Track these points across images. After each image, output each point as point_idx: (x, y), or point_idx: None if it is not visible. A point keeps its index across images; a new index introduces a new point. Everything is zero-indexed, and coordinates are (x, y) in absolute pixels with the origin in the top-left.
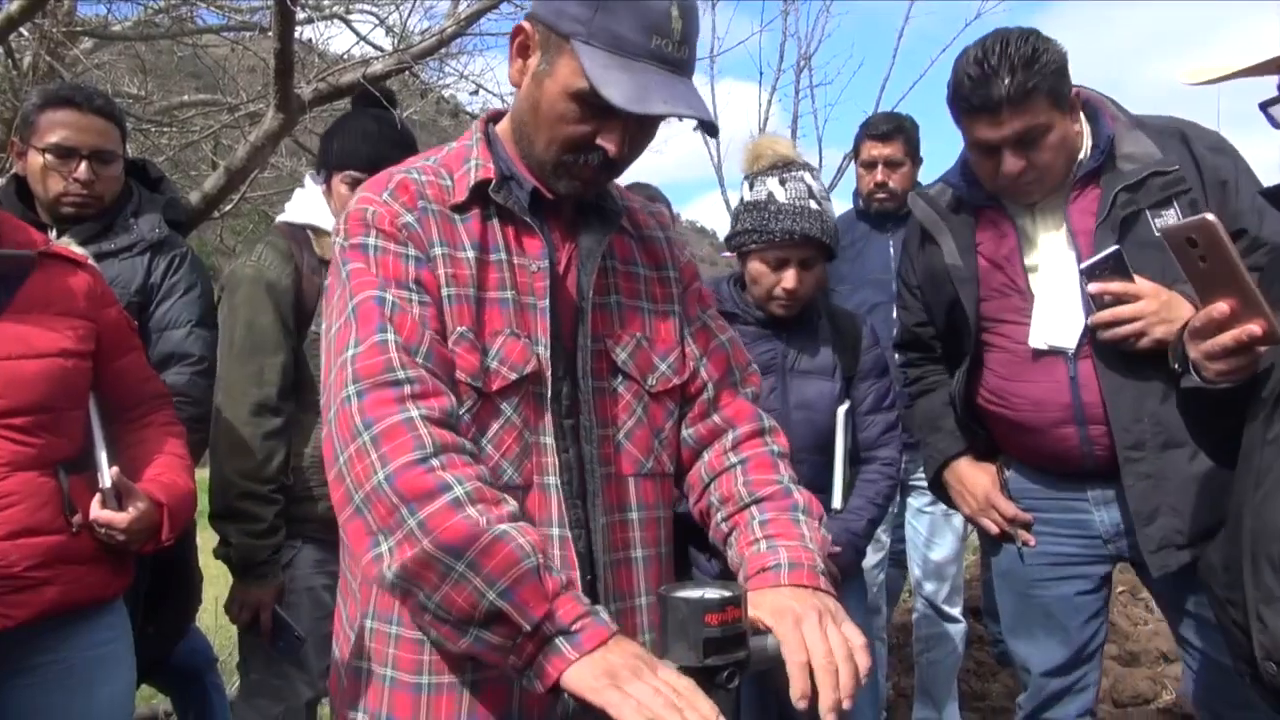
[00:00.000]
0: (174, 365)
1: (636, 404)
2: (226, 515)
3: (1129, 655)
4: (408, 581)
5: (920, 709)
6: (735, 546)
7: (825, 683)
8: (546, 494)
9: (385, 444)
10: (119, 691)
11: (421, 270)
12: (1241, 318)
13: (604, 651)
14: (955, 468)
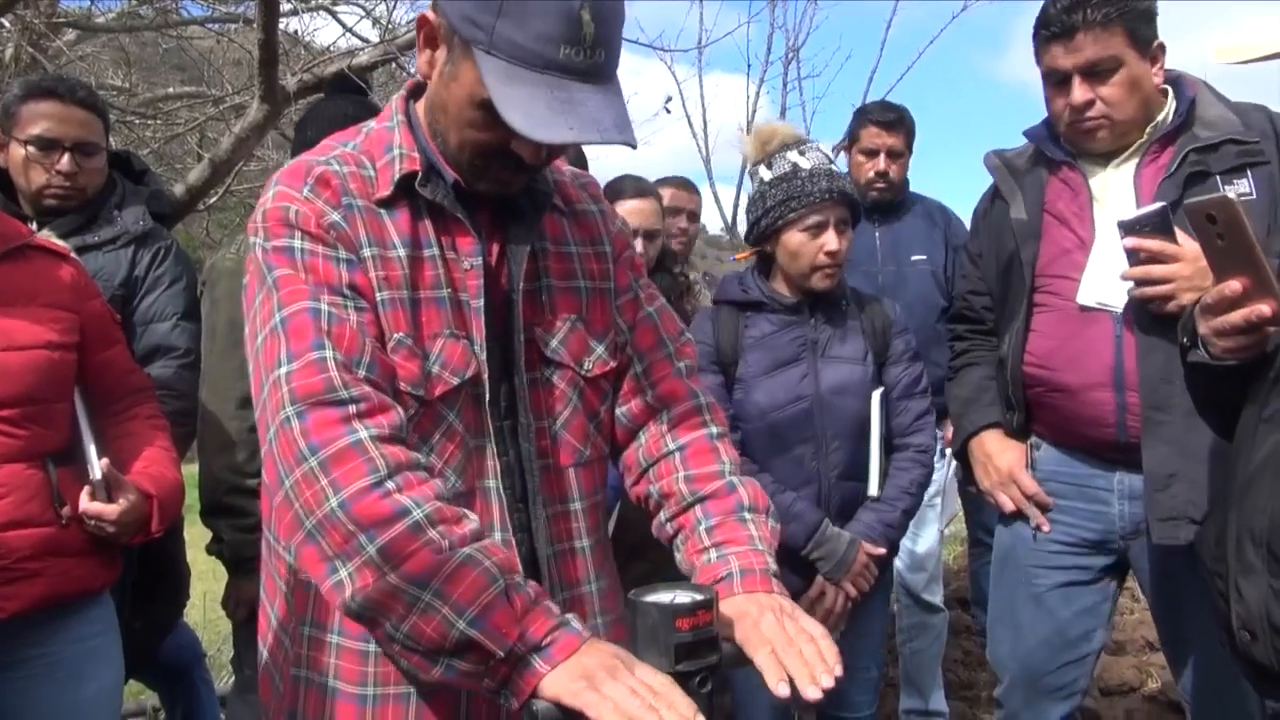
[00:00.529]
0: (159, 359)
1: (571, 392)
2: (217, 511)
3: (1115, 644)
4: (373, 611)
5: (906, 698)
6: (683, 551)
7: (794, 662)
8: (488, 499)
9: (335, 469)
10: (107, 686)
11: (355, 274)
12: (1253, 297)
13: (578, 657)
14: (984, 439)
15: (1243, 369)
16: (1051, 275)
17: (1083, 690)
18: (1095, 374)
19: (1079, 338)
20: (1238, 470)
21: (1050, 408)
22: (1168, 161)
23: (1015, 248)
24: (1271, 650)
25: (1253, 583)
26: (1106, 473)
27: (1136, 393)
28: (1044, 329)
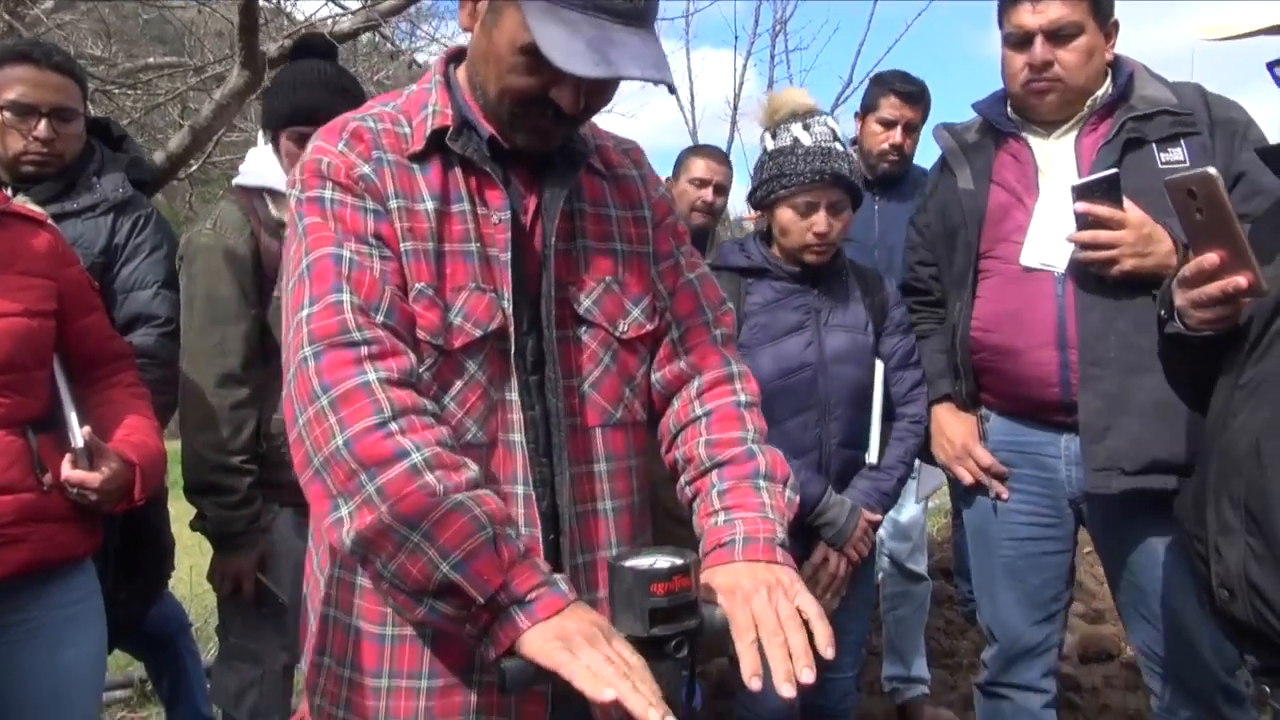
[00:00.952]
0: (140, 327)
1: (603, 352)
2: (200, 489)
3: (1095, 613)
4: (365, 549)
5: (889, 665)
6: (697, 515)
7: (775, 654)
8: (511, 451)
9: (343, 408)
10: (90, 652)
11: (380, 224)
12: (1230, 269)
13: (560, 619)
14: (936, 414)
15: (1217, 340)
16: (996, 241)
17: (1058, 644)
18: (1038, 334)
19: (1022, 299)
20: (1215, 436)
21: (997, 372)
22: (1106, 130)
23: (962, 217)
24: (1249, 607)
25: (1231, 542)
26: (1053, 438)
27: (1077, 351)
28: (988, 294)
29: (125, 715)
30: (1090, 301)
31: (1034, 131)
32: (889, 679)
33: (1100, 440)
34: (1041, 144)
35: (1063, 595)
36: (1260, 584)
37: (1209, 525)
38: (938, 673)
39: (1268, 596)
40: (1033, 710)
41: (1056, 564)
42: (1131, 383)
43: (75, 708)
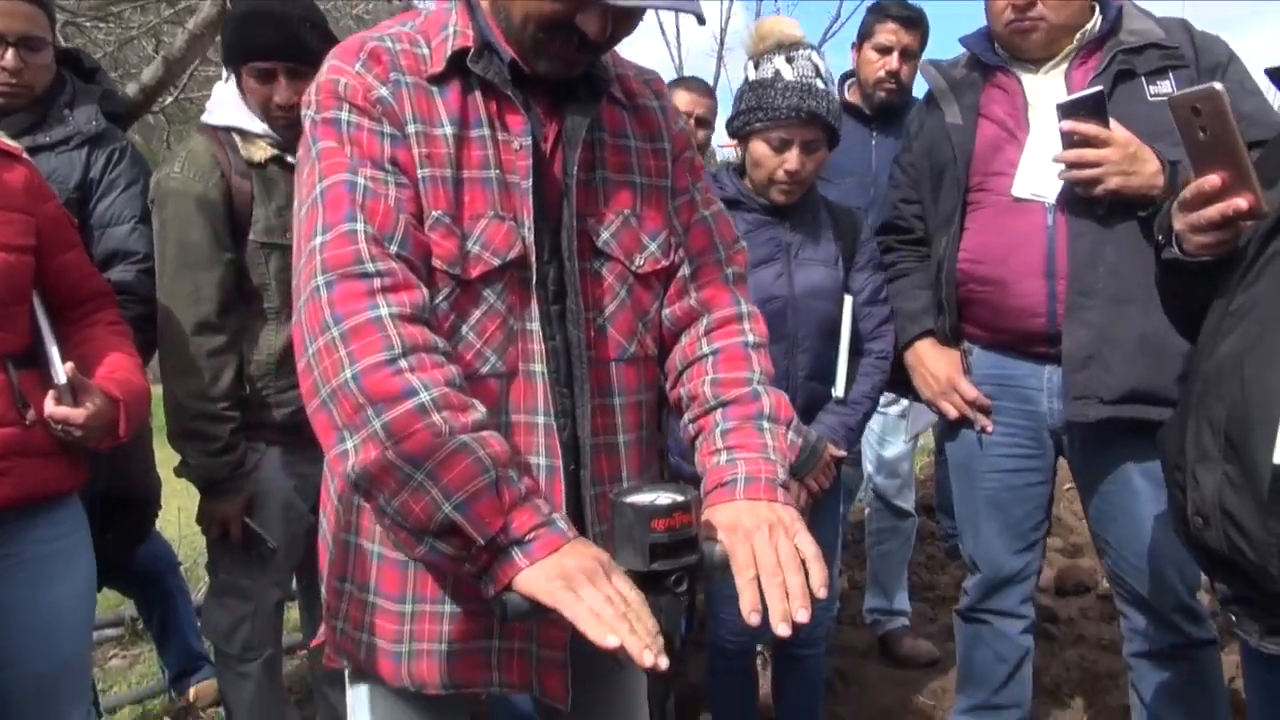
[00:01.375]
0: (118, 263)
1: (620, 286)
2: (182, 436)
3: (1072, 547)
4: (369, 484)
5: (872, 598)
6: (700, 453)
7: (773, 594)
8: (532, 381)
9: (354, 341)
10: (78, 588)
11: (397, 149)
12: (1231, 192)
13: (559, 556)
14: (919, 349)
15: (1214, 266)
16: (985, 173)
17: (1037, 571)
18: (1027, 264)
19: (1011, 229)
20: (1201, 363)
21: (983, 303)
22: (1096, 64)
23: (951, 151)
24: (1223, 535)
25: (1208, 470)
26: (1036, 370)
27: (1065, 281)
28: (977, 225)
29: (117, 653)
30: (1079, 230)
31: (1023, 67)
32: (870, 611)
33: (1081, 369)
34: (1031, 79)
35: (1042, 525)
36: (1235, 512)
37: (1188, 453)
38: (918, 606)
39: (1241, 524)
40: (1011, 635)
41: (1037, 495)
42: (1117, 313)
43: (65, 642)
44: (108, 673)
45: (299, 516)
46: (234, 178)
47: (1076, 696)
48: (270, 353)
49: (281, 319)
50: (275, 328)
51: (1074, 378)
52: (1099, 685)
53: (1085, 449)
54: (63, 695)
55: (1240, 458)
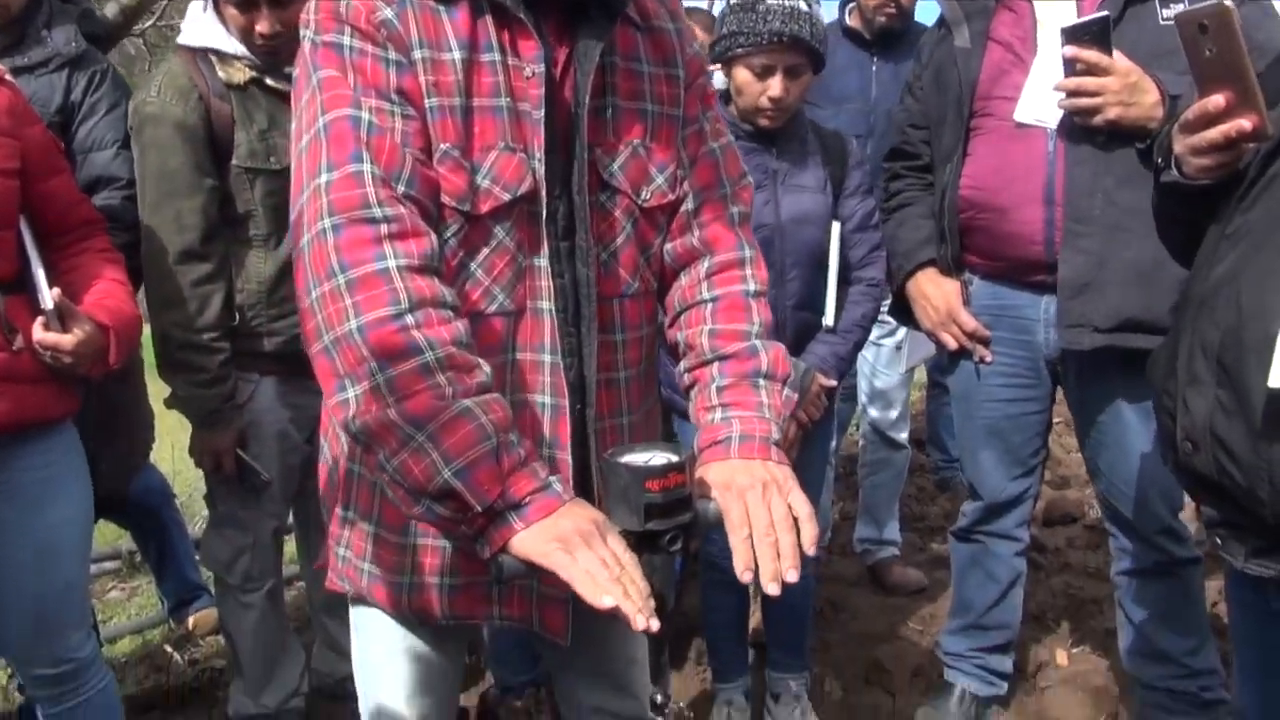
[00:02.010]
0: (103, 189)
1: (626, 221)
2: (170, 367)
3: (1060, 479)
4: (369, 438)
5: (863, 528)
6: (694, 406)
7: (765, 554)
8: (540, 319)
9: (360, 292)
10: (73, 512)
11: (403, 77)
12: (1235, 112)
13: (555, 518)
14: (919, 280)
15: (1213, 190)
16: (990, 98)
17: (1034, 496)
18: (1027, 191)
19: (1013, 156)
20: (1195, 287)
21: (983, 231)
22: None
23: (957, 74)
24: (1212, 460)
25: (1199, 394)
26: (1034, 300)
27: (1063, 208)
28: (980, 151)
29: (116, 585)
30: (1079, 157)
31: None
32: (861, 541)
33: (1077, 297)
34: (1043, 2)
35: (1040, 452)
36: (1225, 437)
37: (1179, 378)
38: (908, 536)
39: (1231, 449)
40: (1004, 557)
41: (1035, 423)
42: (1112, 240)
43: (63, 565)
44: (107, 605)
45: (294, 448)
46: (213, 100)
47: (1062, 621)
48: (259, 281)
49: (270, 246)
50: (263, 255)
51: (1069, 305)
52: (1084, 610)
53: (1080, 380)
54: (63, 618)
55: (1233, 382)
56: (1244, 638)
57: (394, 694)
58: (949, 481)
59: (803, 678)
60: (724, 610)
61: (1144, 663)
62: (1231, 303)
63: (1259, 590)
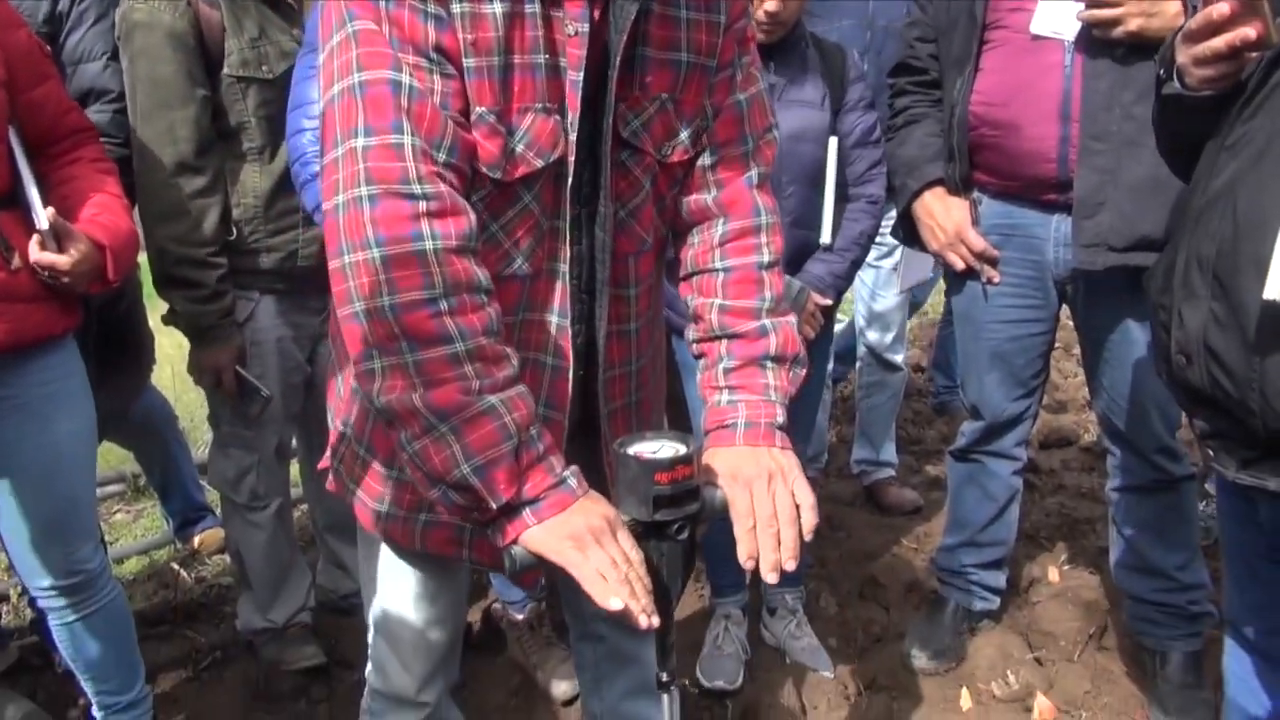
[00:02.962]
0: (93, 103)
1: (645, 178)
2: (167, 283)
3: (1057, 404)
4: (391, 416)
5: (859, 450)
6: (700, 380)
7: (766, 544)
8: (554, 281)
9: (395, 270)
10: (78, 426)
11: (443, 34)
12: (1240, 21)
13: (568, 515)
14: (926, 200)
15: (1214, 102)
16: (1005, 9)
17: (1034, 415)
18: (1041, 106)
19: (1028, 69)
20: (1193, 200)
21: (994, 149)
22: None
23: None
24: (1205, 372)
25: (1194, 308)
26: (1044, 219)
27: (1079, 124)
28: (993, 65)
29: (121, 508)
30: (1097, 70)
31: None
32: (858, 462)
33: (1092, 216)
34: None
35: (1042, 372)
36: (1218, 349)
37: (1175, 292)
38: (904, 458)
39: (1225, 362)
40: (1002, 475)
41: (1039, 344)
42: (1128, 156)
43: (68, 478)
44: (113, 526)
45: (296, 366)
46: (202, 6)
47: (1055, 540)
48: (255, 195)
49: (264, 159)
50: (258, 168)
51: (1084, 224)
52: (1077, 530)
53: (1089, 298)
54: (71, 530)
55: (1227, 295)
56: (1233, 548)
57: (400, 605)
58: (947, 405)
59: (798, 592)
60: (722, 530)
61: (1134, 577)
62: (1228, 215)
63: (1249, 501)
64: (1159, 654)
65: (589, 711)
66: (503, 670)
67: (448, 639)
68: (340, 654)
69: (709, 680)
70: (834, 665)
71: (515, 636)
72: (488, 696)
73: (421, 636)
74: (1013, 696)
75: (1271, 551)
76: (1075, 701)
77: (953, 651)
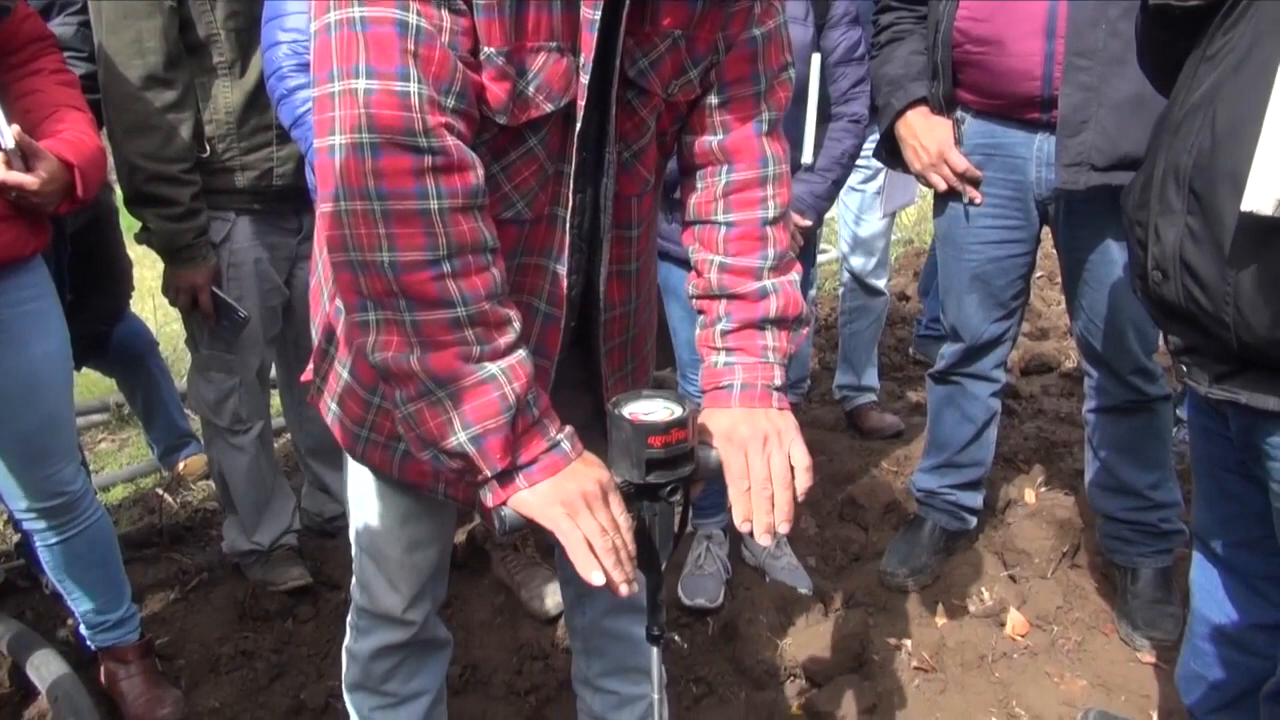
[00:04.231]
0: (56, 15)
1: (650, 119)
2: (139, 200)
3: (1039, 331)
4: (386, 373)
5: (841, 375)
6: (698, 337)
7: (760, 506)
8: (554, 227)
9: (397, 226)
10: (53, 347)
11: None
12: None
13: (560, 479)
14: (909, 119)
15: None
16: None
17: (1013, 338)
18: (1027, 23)
19: None
20: (1172, 113)
21: (978, 66)
22: None
23: None
24: (1180, 287)
25: (1170, 222)
26: (1027, 139)
27: (1064, 41)
28: None
29: (105, 437)
30: None
31: None
32: (840, 388)
33: (1076, 134)
34: None
35: (1022, 293)
36: (1193, 263)
37: (1151, 207)
38: (886, 385)
39: (1199, 275)
40: (980, 396)
41: (1019, 265)
42: (1113, 74)
43: (46, 399)
44: (98, 455)
45: (274, 288)
46: None
47: (1033, 463)
48: (227, 111)
49: (235, 74)
50: (229, 83)
51: (1067, 143)
52: (1054, 453)
53: (1070, 219)
54: (51, 451)
55: (1203, 208)
56: (1202, 464)
57: (384, 527)
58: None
59: None
60: None
61: (1107, 496)
62: (1206, 126)
63: (1220, 416)
64: (1129, 570)
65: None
66: (487, 589)
67: (434, 560)
68: (326, 575)
69: (690, 599)
70: (813, 583)
71: (499, 557)
72: (472, 614)
73: (406, 557)
74: (987, 612)
75: (1240, 465)
76: (1047, 616)
77: (929, 569)
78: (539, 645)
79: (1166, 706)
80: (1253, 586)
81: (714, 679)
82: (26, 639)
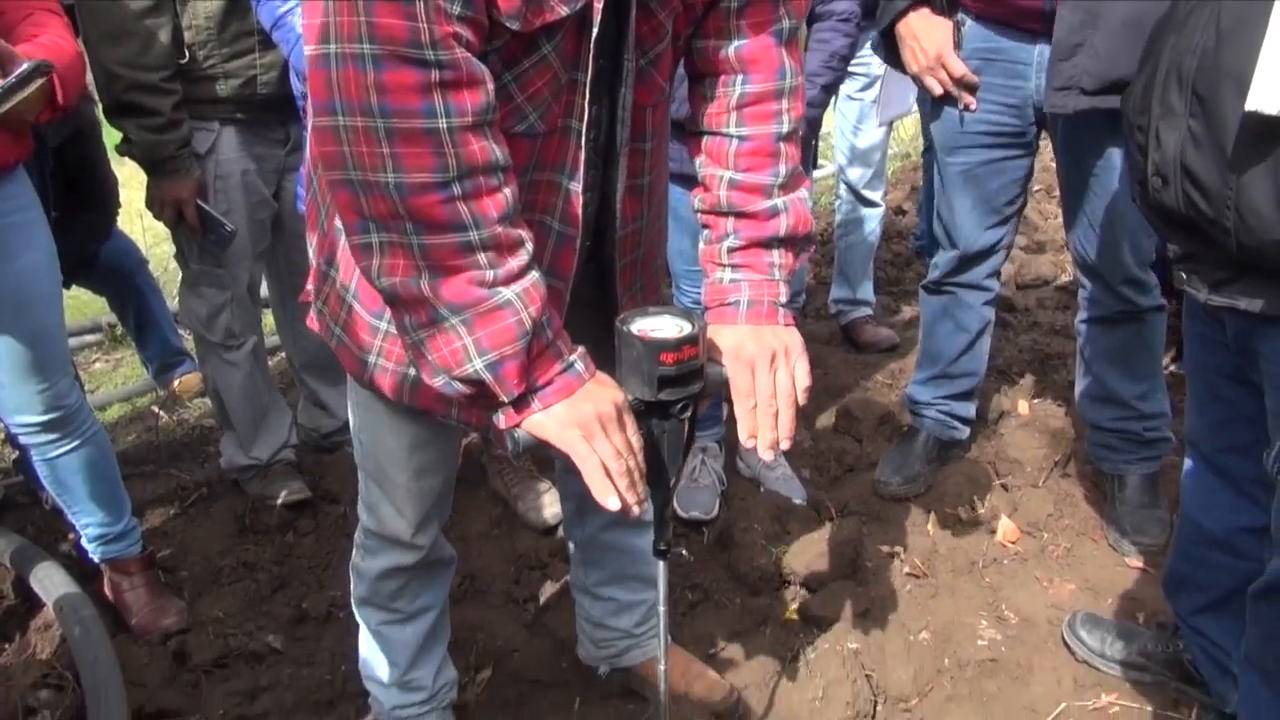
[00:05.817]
0: None
1: (668, 22)
2: (119, 110)
3: (1036, 244)
4: (394, 299)
5: (837, 289)
6: (703, 252)
7: (765, 424)
8: (567, 139)
9: (402, 145)
10: (39, 259)
11: None
12: None
13: (575, 400)
14: (910, 20)
15: None
16: None
17: (1007, 247)
18: None
19: None
20: (1174, 12)
21: None
22: None
23: None
24: (1180, 193)
25: (1171, 126)
26: (1028, 46)
27: None
28: None
29: (99, 357)
30: None
31: None
32: (835, 302)
33: (1069, 58)
34: None
35: (1018, 200)
36: (1194, 168)
37: (1152, 111)
38: (882, 299)
39: (1200, 180)
40: (974, 306)
41: (1015, 169)
42: None
43: (35, 310)
44: (93, 375)
45: (261, 202)
46: None
47: (1026, 375)
48: (207, 15)
49: None
50: None
51: (1060, 66)
52: (1048, 365)
53: (1069, 128)
54: (44, 363)
55: (1205, 110)
56: (1197, 370)
57: (391, 452)
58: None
59: None
60: None
61: (1096, 406)
62: (1210, 25)
63: (1217, 323)
64: (1117, 478)
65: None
66: (484, 500)
67: (440, 485)
68: (325, 489)
69: (685, 511)
70: (807, 494)
71: (496, 470)
72: (470, 526)
73: (414, 483)
74: (978, 520)
75: (1235, 371)
76: (1038, 524)
77: (922, 479)
78: (536, 555)
79: (1152, 609)
80: (1242, 490)
81: (710, 586)
82: (29, 552)
